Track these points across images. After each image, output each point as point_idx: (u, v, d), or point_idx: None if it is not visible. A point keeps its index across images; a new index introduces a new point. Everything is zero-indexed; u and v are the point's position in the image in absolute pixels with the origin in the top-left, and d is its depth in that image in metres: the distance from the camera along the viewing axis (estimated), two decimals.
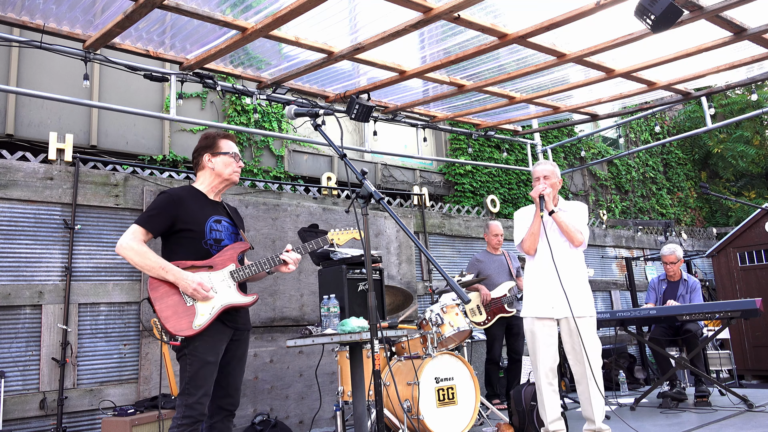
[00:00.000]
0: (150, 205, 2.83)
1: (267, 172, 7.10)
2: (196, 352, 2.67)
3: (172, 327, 2.65)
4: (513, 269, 5.78)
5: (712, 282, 9.05)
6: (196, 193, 2.94)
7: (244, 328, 2.94)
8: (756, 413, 4.82)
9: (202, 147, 2.98)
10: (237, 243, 2.93)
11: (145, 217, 2.76)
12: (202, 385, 2.64)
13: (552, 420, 3.82)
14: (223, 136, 3.02)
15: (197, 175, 3.02)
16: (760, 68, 5.68)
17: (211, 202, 2.96)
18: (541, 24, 4.31)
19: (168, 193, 2.84)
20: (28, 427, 4.21)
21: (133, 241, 2.69)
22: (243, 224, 3.14)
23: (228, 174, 2.96)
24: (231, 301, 2.79)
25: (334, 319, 3.53)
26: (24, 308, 4.35)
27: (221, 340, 2.77)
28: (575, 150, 10.54)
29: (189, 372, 2.65)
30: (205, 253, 2.82)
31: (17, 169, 4.45)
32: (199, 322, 2.68)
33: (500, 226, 5.93)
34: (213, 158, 2.94)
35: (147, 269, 2.68)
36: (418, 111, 6.32)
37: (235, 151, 2.99)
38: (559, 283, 3.75)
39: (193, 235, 2.80)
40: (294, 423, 5.29)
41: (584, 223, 3.99)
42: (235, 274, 2.84)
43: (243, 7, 4.05)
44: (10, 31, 4.78)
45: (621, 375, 6.71)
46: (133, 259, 2.67)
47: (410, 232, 2.39)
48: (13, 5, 3.91)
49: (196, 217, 2.82)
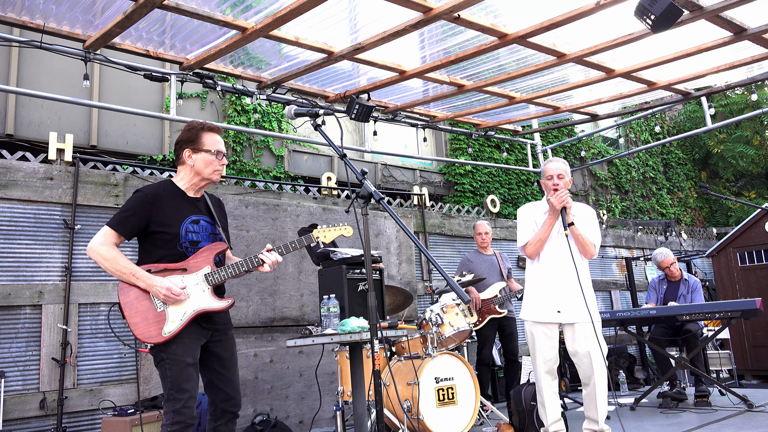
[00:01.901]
0: (123, 205, 2.68)
1: (267, 172, 7.11)
2: (174, 355, 2.56)
3: (140, 334, 2.55)
4: (504, 270, 5.74)
5: (712, 282, 9.05)
6: (174, 190, 2.77)
7: (224, 328, 2.82)
8: (756, 413, 4.82)
9: (183, 140, 2.78)
10: (214, 243, 2.78)
11: (118, 219, 2.62)
12: (186, 389, 2.53)
13: (552, 421, 3.81)
14: (208, 128, 2.80)
15: (177, 169, 2.84)
16: (760, 68, 5.68)
17: (190, 200, 2.80)
18: (541, 24, 4.30)
19: (143, 192, 2.68)
20: (28, 427, 4.21)
21: (104, 245, 2.57)
22: (226, 219, 2.98)
23: (208, 174, 2.78)
24: (204, 306, 2.67)
25: (334, 319, 3.53)
26: (24, 308, 4.35)
27: (198, 340, 2.66)
28: (575, 150, 10.54)
29: (170, 377, 2.55)
30: (181, 255, 2.69)
31: (17, 169, 4.45)
32: (170, 328, 2.56)
33: (486, 225, 5.86)
34: (194, 155, 2.76)
35: (117, 275, 2.58)
36: (418, 111, 6.32)
37: (218, 149, 2.78)
38: (566, 288, 3.73)
39: (167, 237, 2.66)
40: (294, 423, 5.29)
41: (597, 232, 3.87)
42: (209, 277, 2.70)
43: (243, 7, 4.05)
44: (10, 31, 4.79)
45: (621, 375, 6.71)
46: (103, 264, 2.57)
47: (410, 232, 2.38)
48: (13, 5, 3.91)
49: (170, 219, 2.68)
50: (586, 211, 3.94)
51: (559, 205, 3.66)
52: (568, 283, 3.77)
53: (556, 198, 3.68)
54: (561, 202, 3.65)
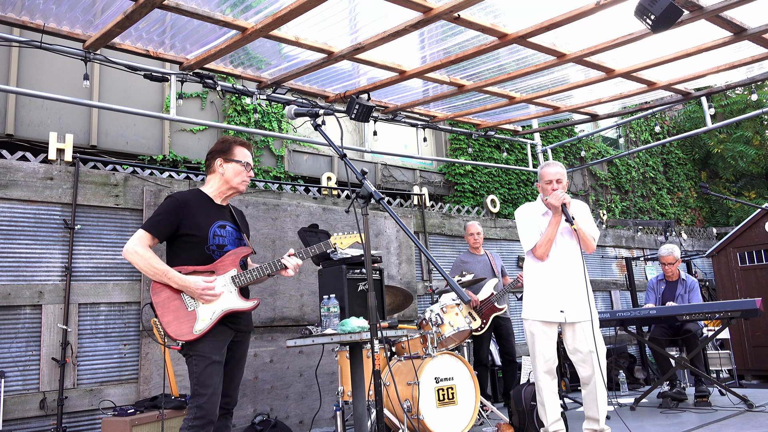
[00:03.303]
0: (156, 210, 2.86)
1: (267, 172, 7.11)
2: (201, 352, 2.71)
3: (173, 332, 2.70)
4: (497, 268, 5.75)
5: (712, 282, 9.05)
6: (203, 197, 2.96)
7: (246, 329, 2.98)
8: (756, 413, 4.82)
9: (216, 151, 2.99)
10: (239, 248, 2.95)
11: (151, 223, 2.80)
12: (210, 384, 2.67)
13: (552, 421, 3.82)
14: (240, 143, 3.02)
15: (207, 177, 3.04)
16: (760, 68, 5.68)
17: (217, 206, 2.98)
18: (541, 24, 4.30)
19: (174, 197, 2.87)
20: (28, 427, 4.21)
21: (139, 246, 2.73)
22: (248, 229, 3.17)
23: (236, 183, 2.98)
24: (232, 306, 2.82)
25: (334, 319, 3.53)
26: (24, 308, 4.35)
27: (224, 340, 2.81)
28: (575, 150, 10.54)
29: (196, 372, 2.69)
30: (207, 258, 2.85)
31: (17, 169, 4.45)
32: (200, 327, 2.72)
33: (477, 225, 5.87)
34: (225, 164, 2.97)
35: (151, 275, 2.73)
36: (418, 111, 6.32)
37: (248, 161, 3.01)
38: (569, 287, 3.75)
39: (196, 240, 2.83)
40: (294, 423, 5.29)
41: (594, 226, 3.94)
42: (236, 279, 2.86)
43: (243, 7, 4.05)
44: (10, 31, 4.79)
45: (621, 375, 6.71)
46: (138, 264, 2.72)
47: (410, 232, 2.39)
48: (13, 5, 3.91)
49: (199, 223, 2.84)
50: (580, 206, 3.98)
51: (559, 203, 3.68)
52: (571, 281, 3.78)
53: (553, 197, 3.71)
54: (559, 199, 3.68)
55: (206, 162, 3.04)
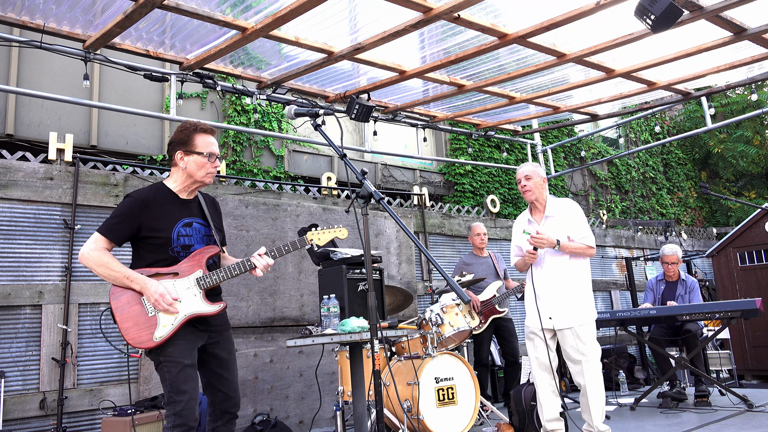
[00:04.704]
0: (114, 211, 2.65)
1: (267, 172, 7.10)
2: (170, 357, 2.55)
3: (132, 339, 2.54)
4: (500, 270, 5.74)
5: (712, 282, 9.05)
6: (166, 193, 2.73)
7: (221, 329, 2.79)
8: (756, 413, 4.82)
9: (175, 142, 2.73)
10: (206, 247, 2.74)
11: (107, 226, 2.60)
12: (185, 390, 2.51)
13: (549, 419, 3.83)
14: (201, 130, 2.74)
15: (171, 170, 2.80)
16: (760, 68, 5.68)
17: (182, 202, 2.76)
18: (541, 24, 4.30)
19: (133, 197, 2.65)
20: (28, 427, 4.21)
21: (95, 251, 2.57)
22: (220, 219, 2.94)
23: (200, 176, 2.73)
24: (195, 311, 2.63)
25: (334, 319, 3.53)
26: (24, 308, 4.35)
27: (194, 342, 2.65)
28: (575, 150, 10.54)
29: (169, 379, 2.53)
30: (173, 260, 2.66)
31: (17, 169, 4.45)
32: (161, 333, 2.55)
33: (482, 226, 5.85)
34: (186, 157, 2.71)
35: (111, 279, 2.57)
36: (418, 111, 6.32)
37: (210, 151, 2.73)
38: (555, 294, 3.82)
39: (159, 242, 2.63)
40: (294, 423, 5.29)
41: (586, 228, 3.90)
42: (201, 281, 2.67)
43: (243, 7, 4.05)
44: (10, 31, 4.78)
45: (621, 375, 6.71)
46: (96, 269, 2.56)
47: (410, 232, 2.38)
48: (13, 5, 3.91)
49: (162, 224, 2.64)
50: (569, 207, 3.98)
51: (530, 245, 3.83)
52: (559, 288, 3.83)
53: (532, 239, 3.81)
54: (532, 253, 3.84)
55: (168, 152, 2.78)
